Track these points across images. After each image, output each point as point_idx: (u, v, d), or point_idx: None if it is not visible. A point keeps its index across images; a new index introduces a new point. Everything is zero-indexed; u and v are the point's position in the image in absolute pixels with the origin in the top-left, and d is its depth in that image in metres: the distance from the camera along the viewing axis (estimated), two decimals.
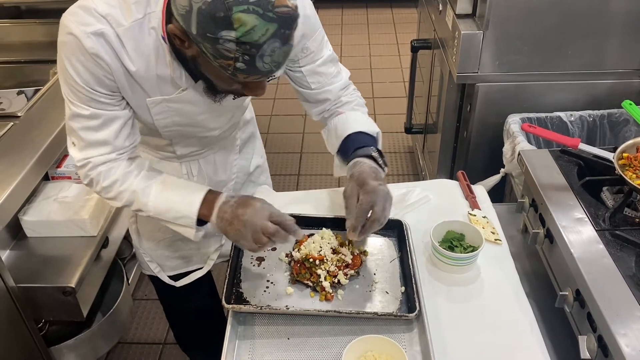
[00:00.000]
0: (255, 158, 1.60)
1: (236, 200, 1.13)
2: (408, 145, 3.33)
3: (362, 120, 1.30)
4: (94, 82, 1.05)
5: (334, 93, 1.31)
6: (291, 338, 1.10)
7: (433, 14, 2.34)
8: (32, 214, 1.68)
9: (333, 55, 1.29)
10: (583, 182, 1.39)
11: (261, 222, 1.09)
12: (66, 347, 1.74)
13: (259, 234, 1.09)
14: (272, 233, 1.10)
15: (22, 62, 2.12)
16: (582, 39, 1.83)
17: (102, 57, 1.02)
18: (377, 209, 1.13)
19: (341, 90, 1.31)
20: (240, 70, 0.92)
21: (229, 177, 1.49)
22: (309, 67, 1.26)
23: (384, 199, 1.14)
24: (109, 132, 1.12)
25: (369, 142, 1.26)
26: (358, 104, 1.34)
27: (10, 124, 1.70)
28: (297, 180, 3.10)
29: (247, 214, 1.10)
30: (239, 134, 1.49)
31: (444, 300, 1.18)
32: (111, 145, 1.13)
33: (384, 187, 1.15)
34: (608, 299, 1.09)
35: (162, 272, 1.56)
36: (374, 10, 5.09)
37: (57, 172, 1.80)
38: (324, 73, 1.27)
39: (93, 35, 1.00)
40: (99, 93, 1.07)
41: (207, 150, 1.39)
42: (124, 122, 1.13)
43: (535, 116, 1.86)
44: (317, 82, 1.28)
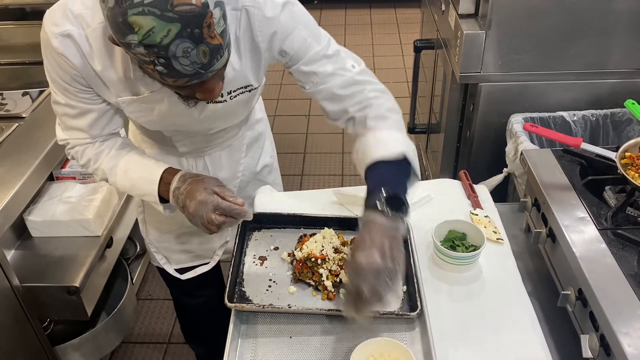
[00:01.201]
0: (264, 157, 1.57)
1: (185, 188, 1.13)
2: None
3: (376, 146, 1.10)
4: (64, 78, 1.09)
5: (328, 93, 1.17)
6: (293, 337, 1.11)
7: (436, 14, 2.34)
8: (37, 214, 1.69)
9: (328, 52, 1.15)
10: (585, 181, 1.39)
11: (207, 215, 1.10)
12: (71, 346, 1.76)
13: (207, 224, 1.11)
14: (218, 224, 1.11)
15: (27, 63, 2.13)
16: (584, 38, 1.82)
17: (68, 57, 1.05)
18: (364, 291, 0.94)
19: (341, 89, 1.16)
20: (164, 74, 0.88)
21: (234, 175, 1.48)
22: (294, 68, 1.17)
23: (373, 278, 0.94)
24: (84, 122, 1.17)
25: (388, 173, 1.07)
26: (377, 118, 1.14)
27: (15, 125, 1.72)
28: (300, 180, 3.11)
29: (192, 207, 1.11)
30: (248, 132, 1.47)
31: (445, 299, 1.18)
32: (87, 133, 1.19)
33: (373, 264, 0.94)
34: (610, 298, 1.09)
35: (168, 264, 1.57)
36: (377, 10, 5.09)
37: (62, 173, 1.82)
38: (314, 73, 1.15)
39: (60, 36, 1.03)
40: (73, 88, 1.11)
41: (212, 148, 1.39)
42: (99, 116, 1.17)
43: (538, 116, 1.86)
44: (310, 82, 1.18)
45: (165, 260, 1.57)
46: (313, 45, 1.14)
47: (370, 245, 0.96)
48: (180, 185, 1.14)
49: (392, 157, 1.08)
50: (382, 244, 0.96)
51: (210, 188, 1.12)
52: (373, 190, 1.03)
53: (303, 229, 1.32)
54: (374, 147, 1.10)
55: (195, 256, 1.57)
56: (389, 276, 0.95)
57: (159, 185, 1.17)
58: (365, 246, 0.96)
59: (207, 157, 1.41)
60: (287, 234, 1.31)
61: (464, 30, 1.83)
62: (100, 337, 1.82)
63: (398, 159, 1.08)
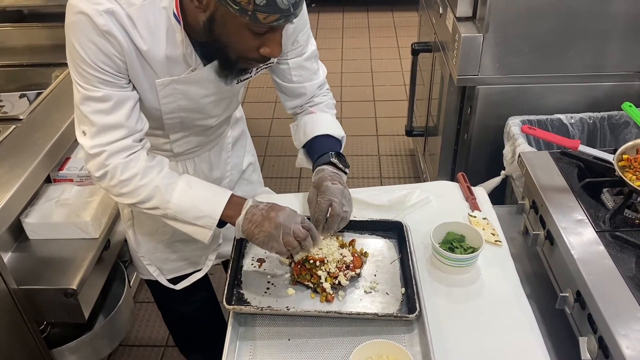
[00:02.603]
0: (247, 156, 1.64)
1: (266, 205, 1.15)
2: (409, 147, 3.34)
3: (329, 123, 1.36)
4: (104, 62, 1.04)
5: (310, 89, 1.37)
6: (292, 339, 1.11)
7: (433, 17, 2.35)
8: (34, 216, 1.68)
9: (316, 52, 1.35)
10: (583, 183, 1.39)
11: (295, 226, 1.12)
12: (68, 349, 1.75)
13: (290, 237, 1.11)
14: (303, 238, 1.12)
15: (25, 65, 2.12)
16: (582, 41, 1.83)
17: (114, 34, 1.01)
18: (334, 204, 1.19)
19: (318, 88, 1.38)
20: (260, 7, 0.93)
21: (223, 174, 1.51)
22: (295, 60, 1.30)
23: (340, 195, 1.21)
24: (121, 114, 1.08)
25: (334, 145, 1.33)
26: (328, 106, 1.41)
27: (12, 127, 1.71)
28: (298, 183, 3.11)
29: (281, 217, 1.12)
30: (230, 131, 1.51)
31: (444, 301, 1.18)
32: (125, 128, 1.09)
33: (338, 185, 1.22)
34: (608, 300, 1.09)
35: (162, 276, 1.56)
36: (374, 13, 5.10)
37: (59, 175, 1.81)
38: (307, 67, 1.33)
39: (105, 13, 0.99)
40: (109, 74, 1.05)
41: (202, 148, 1.41)
42: (134, 104, 1.11)
43: (535, 118, 1.87)
44: (299, 76, 1.33)
45: (158, 272, 1.56)
46: (311, 43, 1.33)
47: (332, 179, 1.24)
48: (257, 204, 1.15)
49: (338, 136, 1.35)
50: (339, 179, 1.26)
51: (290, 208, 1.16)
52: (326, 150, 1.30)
53: None
54: (327, 124, 1.35)
55: (189, 264, 1.57)
56: (347, 198, 1.23)
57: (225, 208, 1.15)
58: (329, 179, 1.24)
59: (197, 158, 1.42)
60: None
61: (462, 33, 1.83)
62: (97, 340, 1.81)
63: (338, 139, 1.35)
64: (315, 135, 1.34)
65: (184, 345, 1.95)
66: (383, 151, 3.34)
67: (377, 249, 1.28)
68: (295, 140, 1.42)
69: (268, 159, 3.28)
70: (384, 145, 3.39)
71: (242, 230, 1.14)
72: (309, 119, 1.37)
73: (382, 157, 3.28)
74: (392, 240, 1.31)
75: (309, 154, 1.36)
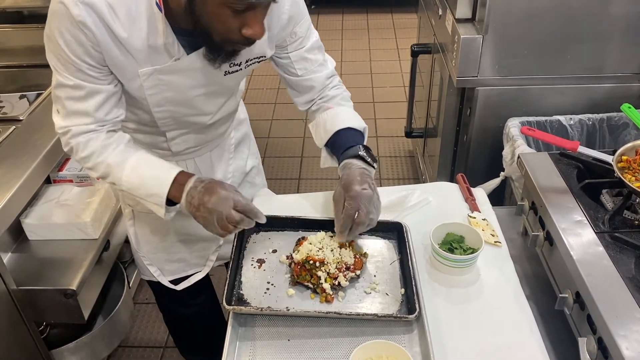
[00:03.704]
0: (251, 158, 1.61)
1: (204, 186, 1.13)
2: (408, 149, 3.34)
3: (349, 116, 1.32)
4: (80, 52, 1.06)
5: (320, 81, 1.33)
6: (291, 339, 1.11)
7: (433, 19, 2.35)
8: (34, 217, 1.69)
9: (319, 43, 1.32)
10: (582, 184, 1.39)
11: (226, 210, 1.11)
12: (67, 350, 1.75)
13: (224, 221, 1.11)
14: (237, 221, 1.12)
15: (25, 66, 2.13)
16: (581, 43, 1.83)
17: (88, 26, 1.03)
18: (361, 212, 1.17)
19: (327, 79, 1.34)
20: None
21: (225, 176, 1.49)
22: (296, 53, 1.29)
23: (368, 202, 1.17)
24: (91, 103, 1.13)
25: (357, 138, 1.29)
26: (344, 98, 1.37)
27: (12, 128, 1.71)
28: (297, 184, 3.11)
29: (212, 202, 1.11)
30: (233, 132, 1.50)
31: (443, 302, 1.18)
32: (92, 117, 1.15)
33: (368, 191, 1.18)
34: (608, 301, 1.09)
35: (162, 276, 1.56)
36: (374, 15, 5.11)
37: (59, 175, 1.81)
38: (310, 59, 1.31)
39: (81, 4, 1.01)
40: (85, 64, 1.08)
41: (202, 148, 1.40)
42: (107, 97, 1.14)
43: (534, 120, 1.87)
44: (304, 69, 1.31)
45: (159, 272, 1.56)
46: (312, 34, 1.30)
47: (362, 180, 1.19)
48: (197, 185, 1.14)
49: (359, 128, 1.31)
50: (368, 180, 1.20)
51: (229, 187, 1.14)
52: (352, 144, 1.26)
53: (301, 231, 1.32)
54: (347, 117, 1.31)
55: (189, 265, 1.56)
56: (375, 204, 1.19)
57: (171, 187, 1.15)
58: (358, 181, 1.18)
59: (197, 158, 1.42)
60: (286, 236, 1.31)
61: (461, 35, 1.84)
62: (97, 341, 1.82)
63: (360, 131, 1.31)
64: (337, 130, 1.29)
65: (185, 347, 1.95)
66: (382, 152, 3.34)
67: (377, 250, 1.28)
68: (317, 139, 1.36)
69: (267, 160, 3.28)
70: (383, 146, 3.39)
71: (186, 212, 1.16)
72: (327, 115, 1.33)
73: (382, 159, 3.29)
74: (391, 241, 1.31)
75: (333, 150, 1.32)
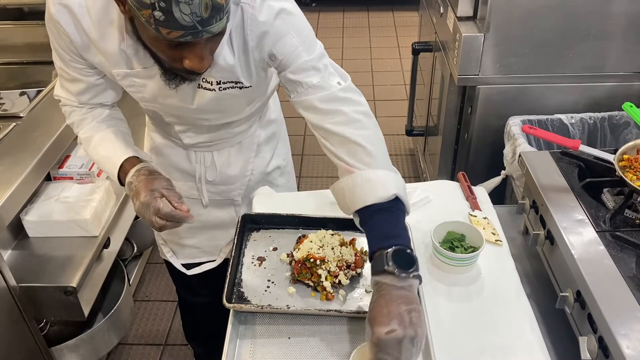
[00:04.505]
0: (276, 159, 1.55)
1: (136, 185, 1.15)
2: (409, 147, 3.34)
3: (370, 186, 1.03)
4: (62, 45, 1.15)
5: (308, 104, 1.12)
6: (292, 337, 1.10)
7: (434, 17, 2.35)
8: (34, 214, 1.68)
9: (314, 64, 1.11)
10: (584, 183, 1.39)
11: (149, 217, 1.12)
12: (67, 348, 1.75)
13: (150, 224, 1.14)
14: (160, 227, 1.12)
15: (25, 63, 2.13)
16: (583, 41, 1.83)
17: (63, 25, 1.09)
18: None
19: (322, 103, 1.10)
20: (160, 22, 0.87)
21: (243, 173, 1.47)
22: (282, 75, 1.14)
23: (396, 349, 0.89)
24: (74, 88, 1.23)
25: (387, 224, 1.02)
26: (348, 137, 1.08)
27: (12, 125, 1.71)
28: (298, 182, 3.10)
29: (137, 206, 1.14)
30: (261, 131, 1.47)
31: (444, 300, 1.18)
32: (75, 98, 1.25)
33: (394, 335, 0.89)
34: (609, 300, 1.09)
35: (175, 258, 1.59)
36: (375, 13, 5.10)
37: (59, 173, 1.81)
38: (299, 82, 1.11)
39: (58, 4, 1.08)
40: (67, 55, 1.16)
41: (219, 144, 1.39)
42: (88, 87, 1.23)
43: (535, 118, 1.87)
44: (295, 92, 1.14)
45: (172, 253, 1.59)
46: (303, 54, 1.11)
47: (388, 316, 0.90)
48: (133, 180, 1.17)
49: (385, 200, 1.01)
50: (400, 311, 0.91)
51: (158, 190, 1.12)
52: (377, 250, 0.98)
53: (302, 229, 1.31)
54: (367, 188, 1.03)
55: (202, 252, 1.58)
56: (412, 343, 0.90)
57: (119, 172, 1.21)
58: (383, 318, 0.90)
59: (216, 152, 1.41)
60: (286, 234, 1.31)
61: (463, 33, 1.83)
62: (97, 339, 1.82)
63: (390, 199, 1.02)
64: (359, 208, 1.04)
65: (190, 333, 1.96)
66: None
67: None
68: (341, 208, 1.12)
69: None
70: None
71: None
72: (345, 184, 1.06)
73: None
74: None
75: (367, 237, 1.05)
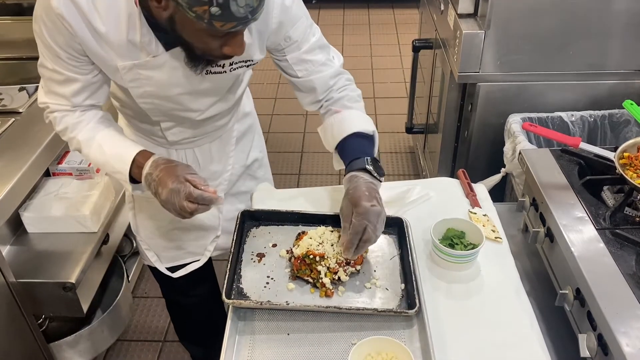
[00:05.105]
0: (254, 151, 1.59)
1: (157, 175, 1.14)
2: (409, 145, 3.33)
3: (357, 121, 1.29)
4: (60, 41, 1.09)
5: (322, 82, 1.30)
6: (291, 334, 1.10)
7: (435, 14, 2.34)
8: (33, 210, 1.68)
9: (321, 42, 1.29)
10: (584, 181, 1.39)
11: (180, 202, 1.11)
12: (66, 344, 1.75)
13: (179, 211, 1.13)
14: (192, 211, 1.12)
15: (24, 58, 2.12)
16: (583, 39, 1.83)
17: (66, 18, 1.04)
18: (369, 229, 1.14)
19: (331, 79, 1.30)
20: (216, 17, 0.91)
21: (225, 168, 1.48)
22: (294, 55, 1.26)
23: (376, 219, 1.15)
24: (68, 89, 1.17)
25: (364, 146, 1.26)
26: (351, 99, 1.33)
27: (11, 120, 1.71)
28: (297, 179, 3.10)
29: (164, 194, 1.11)
30: (237, 125, 1.48)
31: (444, 297, 1.18)
32: (69, 101, 1.19)
33: (376, 208, 1.15)
34: (609, 298, 1.09)
35: (160, 262, 1.56)
36: (375, 10, 5.09)
37: (58, 169, 1.81)
38: (310, 60, 1.27)
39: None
40: (64, 53, 1.11)
41: (201, 139, 1.39)
42: (84, 86, 1.18)
43: (536, 116, 1.87)
44: (305, 70, 1.28)
45: (156, 257, 1.55)
46: (311, 36, 1.27)
47: (370, 196, 1.16)
48: (152, 171, 1.15)
49: (368, 132, 1.27)
50: (376, 195, 1.18)
51: (182, 176, 1.12)
52: (358, 158, 1.22)
53: (301, 226, 1.31)
54: (354, 121, 1.28)
55: (187, 253, 1.56)
56: (382, 221, 1.17)
57: (131, 167, 1.18)
58: (366, 196, 1.16)
59: (197, 149, 1.41)
60: (285, 231, 1.31)
61: (463, 30, 1.83)
62: (96, 335, 1.82)
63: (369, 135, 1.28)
64: (344, 137, 1.26)
65: (184, 335, 1.95)
66: (382, 148, 3.33)
67: (377, 245, 1.27)
68: (326, 144, 1.34)
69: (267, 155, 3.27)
70: (383, 142, 3.38)
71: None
72: (335, 120, 1.30)
73: (382, 155, 3.28)
74: (392, 236, 1.30)
75: (341, 155, 1.29)
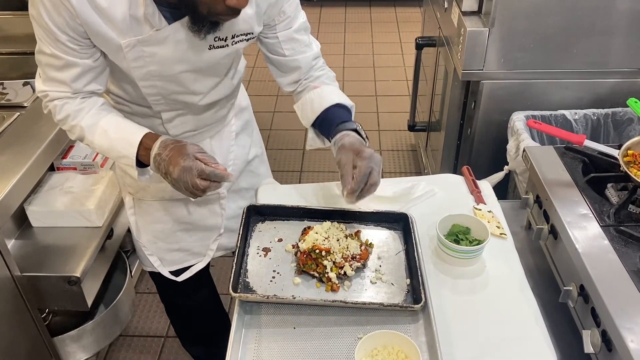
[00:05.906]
0: (254, 147, 1.60)
1: (167, 154, 1.14)
2: (411, 143, 3.34)
3: (337, 94, 1.33)
4: (60, 23, 1.07)
5: (306, 62, 1.33)
6: (297, 328, 1.11)
7: (438, 12, 2.35)
8: (38, 204, 1.68)
9: (307, 24, 1.32)
10: (588, 178, 1.40)
11: (191, 180, 1.12)
12: (69, 338, 1.75)
13: (191, 189, 1.13)
14: (204, 188, 1.13)
15: (28, 53, 2.11)
16: (587, 37, 1.83)
17: None
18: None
19: (313, 59, 1.34)
20: None
21: (225, 163, 1.48)
22: (284, 33, 1.28)
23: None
24: (68, 75, 1.15)
25: (347, 116, 1.31)
26: (329, 78, 1.38)
27: (16, 115, 1.71)
28: (299, 177, 3.11)
29: (176, 173, 1.12)
30: (234, 120, 1.49)
31: (449, 293, 1.19)
32: (69, 87, 1.17)
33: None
34: (613, 294, 1.09)
35: (163, 267, 1.55)
36: (377, 8, 5.10)
37: (63, 163, 1.81)
38: (298, 40, 1.30)
39: None
40: (64, 35, 1.08)
41: (201, 133, 1.39)
42: (84, 71, 1.15)
43: (539, 114, 1.87)
44: (291, 49, 1.31)
45: (159, 262, 1.54)
46: (300, 15, 1.31)
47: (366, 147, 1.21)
48: (161, 151, 1.15)
49: (348, 105, 1.33)
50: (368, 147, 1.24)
51: (192, 154, 1.13)
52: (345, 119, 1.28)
53: (307, 221, 1.32)
54: (335, 94, 1.33)
55: (190, 254, 1.55)
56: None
57: (138, 150, 1.17)
58: (364, 147, 1.22)
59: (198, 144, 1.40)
60: (291, 225, 1.31)
61: (468, 28, 1.83)
62: (99, 329, 1.82)
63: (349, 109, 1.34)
64: (326, 107, 1.30)
65: (186, 338, 1.95)
66: (385, 146, 3.34)
67: (382, 240, 1.29)
68: (303, 119, 1.36)
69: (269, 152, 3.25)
70: (385, 140, 3.39)
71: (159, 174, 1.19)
72: (315, 94, 1.33)
73: (384, 152, 3.28)
74: (397, 232, 1.31)
75: (322, 129, 1.32)
